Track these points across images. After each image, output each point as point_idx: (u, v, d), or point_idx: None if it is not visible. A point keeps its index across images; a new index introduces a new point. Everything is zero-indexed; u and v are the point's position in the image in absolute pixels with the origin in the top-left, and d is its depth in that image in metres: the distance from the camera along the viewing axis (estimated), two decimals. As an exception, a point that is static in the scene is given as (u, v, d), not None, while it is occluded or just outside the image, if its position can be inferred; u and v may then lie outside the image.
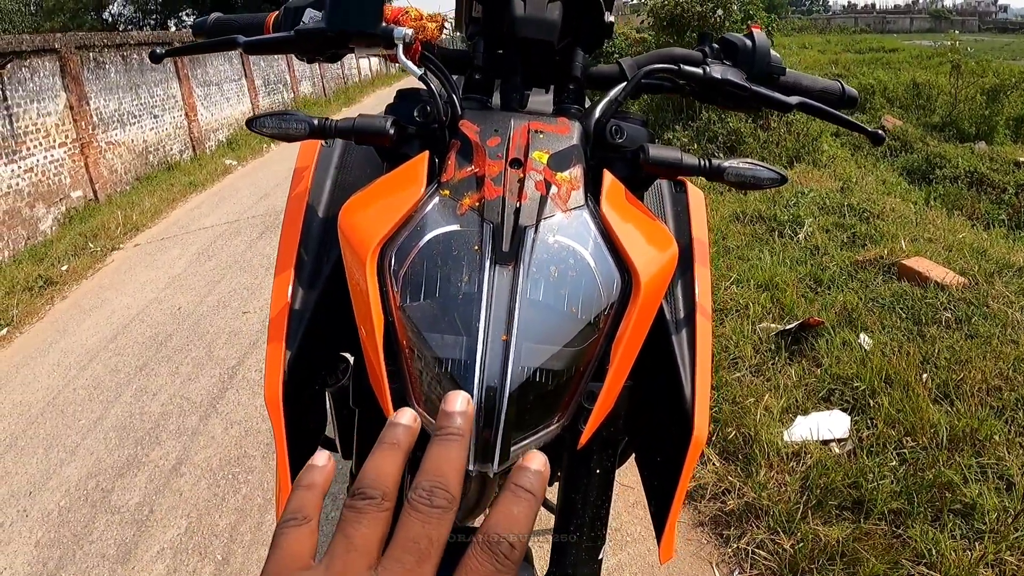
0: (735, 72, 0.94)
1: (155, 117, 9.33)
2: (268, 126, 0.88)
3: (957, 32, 9.64)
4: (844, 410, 2.44)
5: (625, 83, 0.93)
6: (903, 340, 2.79)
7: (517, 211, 0.73)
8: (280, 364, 0.89)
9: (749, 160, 0.88)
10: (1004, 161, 6.82)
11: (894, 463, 2.13)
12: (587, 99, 1.16)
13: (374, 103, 19.67)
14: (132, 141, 8.71)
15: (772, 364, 2.76)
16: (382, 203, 0.78)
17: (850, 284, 3.38)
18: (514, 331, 0.68)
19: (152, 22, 21.56)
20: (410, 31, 0.89)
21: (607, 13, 0.95)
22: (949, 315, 2.93)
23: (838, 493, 2.03)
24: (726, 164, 0.86)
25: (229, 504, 2.47)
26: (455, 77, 1.02)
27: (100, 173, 7.86)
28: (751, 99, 0.93)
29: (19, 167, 6.62)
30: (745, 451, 2.28)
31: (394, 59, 0.91)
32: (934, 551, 1.81)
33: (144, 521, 2.45)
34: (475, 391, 0.66)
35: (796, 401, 2.52)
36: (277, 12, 1.03)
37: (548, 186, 0.77)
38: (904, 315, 3.00)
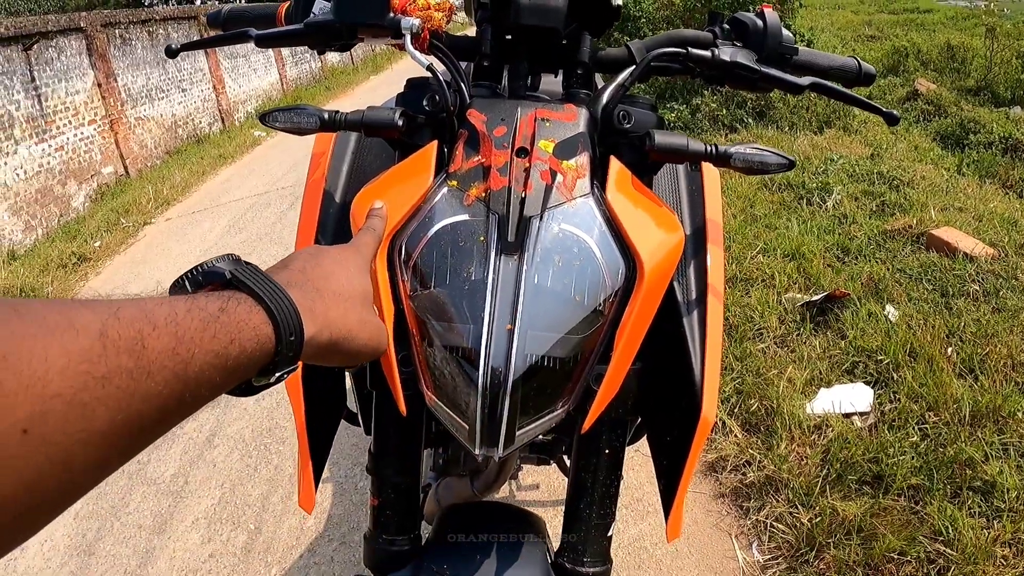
0: (745, 54, 0.93)
1: (183, 91, 9.41)
2: (280, 120, 0.89)
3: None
4: (867, 383, 2.43)
5: (633, 67, 0.94)
6: (929, 312, 2.76)
7: (522, 201, 0.75)
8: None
9: (756, 145, 0.88)
10: (1042, 127, 6.60)
11: (915, 438, 2.13)
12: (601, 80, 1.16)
13: (403, 70, 19.53)
14: (161, 116, 8.80)
15: (797, 335, 2.76)
16: (392, 193, 0.79)
17: (878, 254, 3.34)
18: (518, 320, 0.70)
19: (179, -6, 21.82)
20: (417, 21, 0.90)
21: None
22: (977, 287, 2.89)
23: (858, 468, 2.04)
24: (732, 150, 0.86)
25: (261, 475, 2.55)
26: (465, 64, 1.04)
27: (130, 149, 7.96)
28: (761, 81, 0.92)
29: (50, 146, 6.74)
30: (767, 423, 2.29)
31: (402, 48, 0.92)
32: (951, 529, 1.82)
33: (179, 492, 2.53)
34: (480, 379, 0.69)
35: (820, 373, 2.52)
36: (288, 3, 1.06)
37: (553, 175, 0.78)
38: (931, 287, 2.97)
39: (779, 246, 3.48)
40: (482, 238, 0.74)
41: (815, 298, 2.92)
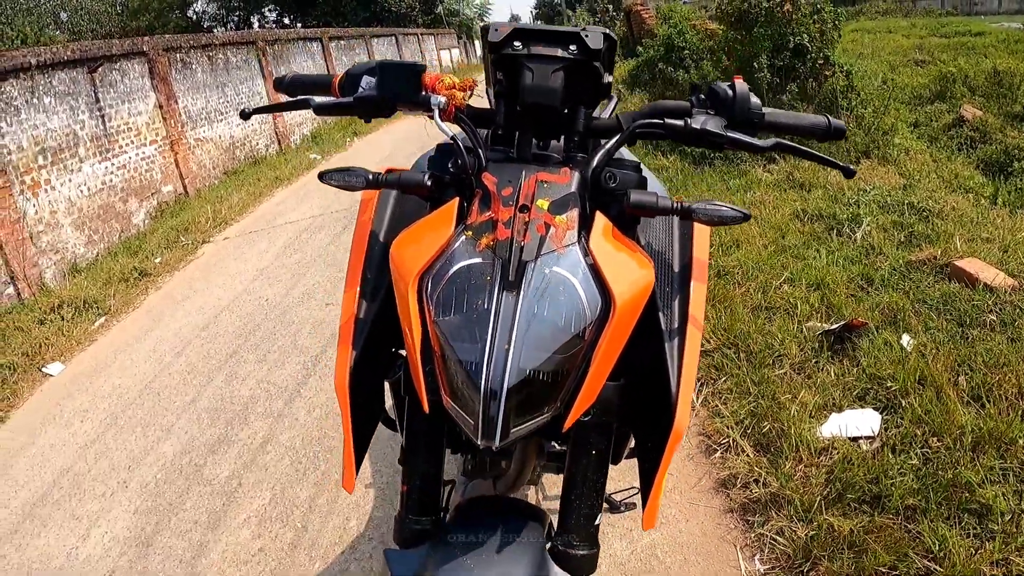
0: (716, 121, 1.13)
1: (241, 113, 9.91)
2: (335, 179, 1.15)
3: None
4: (877, 409, 2.59)
5: (618, 136, 1.16)
6: (944, 341, 2.89)
7: (522, 249, 0.97)
8: (347, 361, 1.17)
9: (715, 202, 1.07)
10: (1089, 152, 6.57)
11: (915, 461, 2.28)
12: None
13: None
14: (219, 137, 9.28)
15: (814, 362, 2.92)
16: (422, 239, 1.03)
17: (901, 284, 3.47)
18: (513, 341, 0.91)
19: (235, 18, 22.91)
20: (443, 99, 1.17)
21: (605, 75, 1.17)
22: (994, 317, 3.02)
23: (858, 487, 2.20)
24: (695, 206, 1.06)
25: (309, 479, 2.81)
26: (484, 131, 1.28)
27: (189, 168, 8.42)
28: (727, 144, 1.11)
29: (112, 164, 7.19)
30: (777, 444, 2.47)
31: (432, 118, 1.17)
32: (942, 547, 1.97)
33: (232, 492, 2.81)
34: (482, 385, 0.90)
35: (832, 399, 2.68)
36: (340, 75, 1.33)
37: (547, 227, 1.00)
38: (949, 317, 3.10)
39: (804, 276, 3.64)
40: (488, 277, 0.96)
41: (834, 327, 3.08)
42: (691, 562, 2.16)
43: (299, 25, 24.16)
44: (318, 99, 1.29)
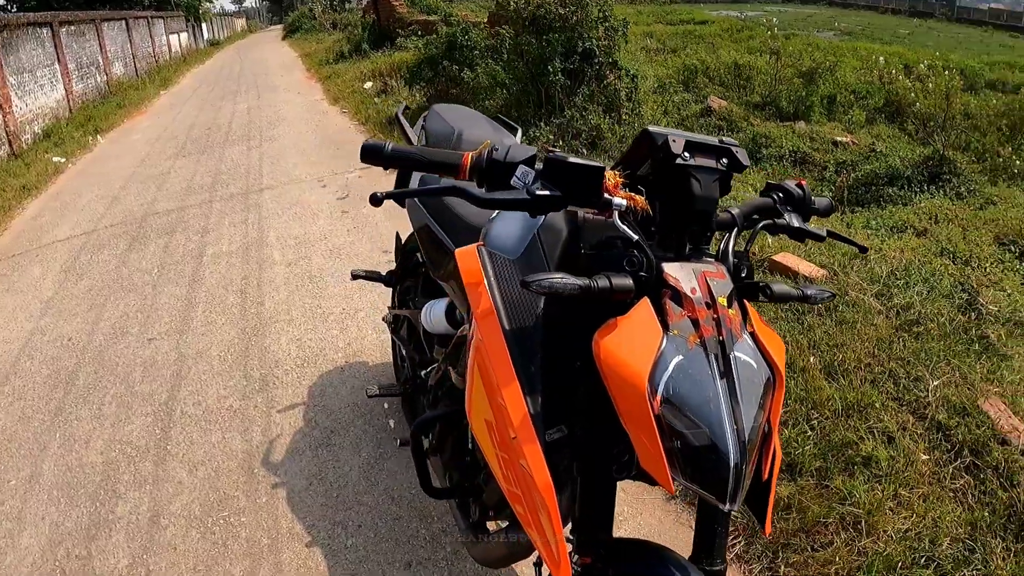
0: (798, 217, 1.51)
1: (-32, 112, 8.71)
2: (544, 286, 1.18)
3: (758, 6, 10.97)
4: (761, 391, 3.12)
5: (739, 231, 1.43)
6: (789, 329, 3.55)
7: (721, 343, 1.18)
8: (542, 458, 1.30)
9: (823, 288, 1.43)
10: (824, 140, 8.00)
11: (808, 432, 2.84)
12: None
13: (193, 84, 19.21)
14: (-53, 139, 8.10)
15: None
16: (634, 342, 1.18)
17: (734, 280, 4.09)
18: (743, 421, 1.13)
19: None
20: (624, 201, 1.26)
21: (732, 180, 1.41)
22: (819, 305, 3.71)
23: (775, 460, 2.69)
24: (814, 294, 1.40)
25: (233, 550, 2.61)
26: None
27: (-90, 181, 7.26)
28: (809, 237, 1.50)
29: None
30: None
31: (609, 217, 1.27)
32: (852, 494, 2.53)
33: (147, 584, 2.51)
34: (731, 461, 1.09)
35: (719, 387, 3.17)
36: (472, 156, 1.26)
37: (731, 320, 1.22)
38: (785, 307, 3.75)
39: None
40: (709, 372, 1.15)
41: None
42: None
43: (14, 8, 21.79)
44: (474, 190, 1.24)
